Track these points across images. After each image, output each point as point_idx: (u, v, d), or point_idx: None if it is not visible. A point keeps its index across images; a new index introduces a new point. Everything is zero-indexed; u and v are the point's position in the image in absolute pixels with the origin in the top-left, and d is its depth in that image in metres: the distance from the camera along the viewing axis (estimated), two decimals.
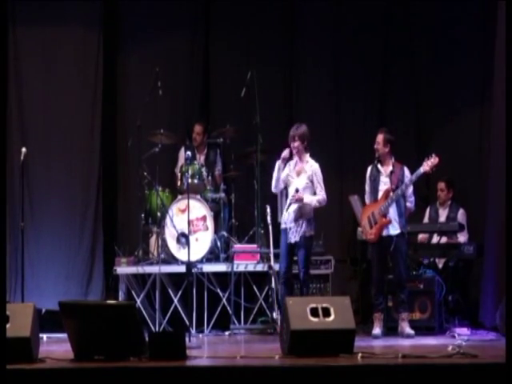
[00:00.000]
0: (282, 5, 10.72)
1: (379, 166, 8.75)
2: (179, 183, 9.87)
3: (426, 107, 10.52)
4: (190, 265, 8.71)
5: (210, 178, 9.91)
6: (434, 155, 8.52)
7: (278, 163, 8.60)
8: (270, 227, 9.16)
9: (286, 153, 8.58)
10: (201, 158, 10.19)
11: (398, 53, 10.61)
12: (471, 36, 10.18)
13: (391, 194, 8.59)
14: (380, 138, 8.70)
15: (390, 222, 8.56)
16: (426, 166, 8.51)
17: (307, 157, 8.60)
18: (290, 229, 8.50)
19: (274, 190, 8.78)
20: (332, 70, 10.65)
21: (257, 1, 10.61)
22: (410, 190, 8.68)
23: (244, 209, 10.14)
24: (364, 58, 10.55)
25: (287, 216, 8.53)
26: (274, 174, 8.67)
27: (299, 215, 8.47)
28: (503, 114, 7.94)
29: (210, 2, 10.79)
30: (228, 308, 9.38)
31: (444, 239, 9.64)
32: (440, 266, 9.60)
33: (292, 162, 8.69)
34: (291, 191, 8.54)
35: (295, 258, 8.58)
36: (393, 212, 8.60)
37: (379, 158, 8.74)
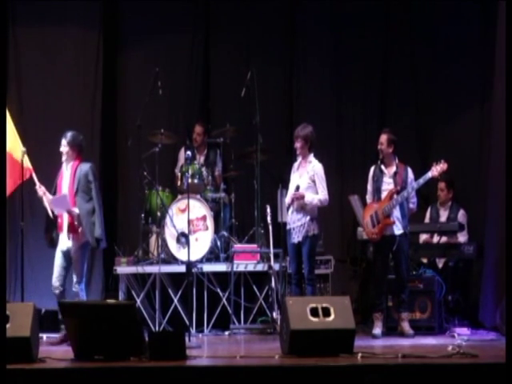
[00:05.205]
0: (282, 5, 10.73)
1: (382, 166, 8.75)
2: (179, 183, 9.87)
3: (426, 107, 10.51)
4: (189, 264, 8.71)
5: (210, 177, 9.91)
6: (443, 161, 8.50)
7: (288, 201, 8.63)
8: (270, 227, 9.18)
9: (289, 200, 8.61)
10: (201, 159, 10.20)
11: (397, 53, 10.61)
12: (471, 36, 10.18)
13: (395, 195, 8.59)
14: (383, 138, 8.70)
15: (393, 222, 8.57)
16: (435, 171, 8.50)
17: (310, 157, 8.60)
18: (294, 229, 8.52)
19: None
20: (332, 70, 10.65)
21: (257, 1, 10.62)
22: (413, 191, 8.69)
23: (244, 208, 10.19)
24: (364, 57, 10.56)
25: (290, 216, 8.55)
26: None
27: (302, 214, 8.47)
28: (503, 113, 7.94)
29: (210, 1, 10.80)
30: (228, 308, 9.39)
31: (444, 239, 9.65)
32: (440, 265, 9.61)
33: (296, 163, 8.71)
34: (292, 190, 8.56)
35: None
36: (396, 212, 8.60)
37: (383, 158, 8.74)
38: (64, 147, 8.48)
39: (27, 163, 8.60)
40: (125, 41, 10.65)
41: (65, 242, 8.42)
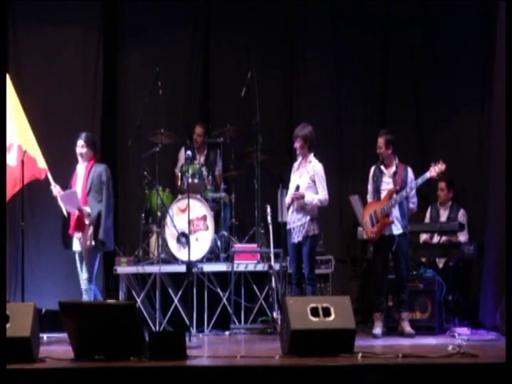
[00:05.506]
0: (283, 5, 10.73)
1: (382, 166, 8.76)
2: (179, 183, 9.88)
3: (426, 107, 10.52)
4: (190, 264, 8.71)
5: (210, 177, 9.91)
6: (441, 161, 8.51)
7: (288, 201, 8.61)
8: (271, 227, 9.19)
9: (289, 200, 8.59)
10: (201, 158, 10.20)
11: (397, 53, 10.62)
12: (471, 36, 10.18)
13: (395, 195, 8.59)
14: (381, 141, 8.70)
15: (392, 222, 8.58)
16: (433, 172, 8.51)
17: (311, 157, 8.61)
18: (294, 229, 8.52)
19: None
20: (332, 70, 10.66)
21: (257, 1, 10.62)
22: (413, 191, 8.69)
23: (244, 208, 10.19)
24: (364, 58, 10.56)
25: (290, 216, 8.54)
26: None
27: (302, 214, 8.47)
28: (503, 113, 7.94)
29: (210, 1, 10.80)
30: (228, 308, 9.39)
31: (444, 239, 9.65)
32: (440, 265, 9.61)
33: (296, 162, 8.71)
34: (292, 190, 8.56)
35: None
36: (395, 212, 8.61)
37: (383, 160, 8.75)
38: (82, 148, 8.54)
39: (43, 164, 8.68)
40: (125, 41, 10.66)
41: (76, 242, 8.44)
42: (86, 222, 8.35)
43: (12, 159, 8.58)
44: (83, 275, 8.41)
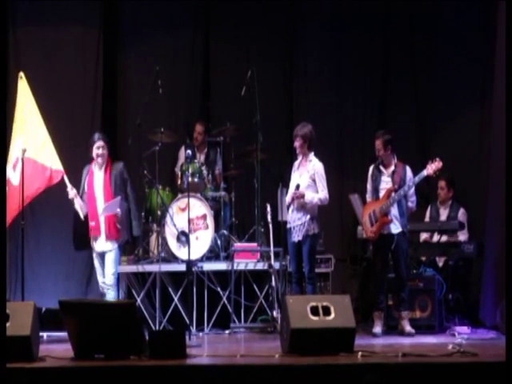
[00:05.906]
0: (283, 4, 10.73)
1: (381, 166, 8.77)
2: (179, 182, 9.88)
3: (427, 107, 10.52)
4: (190, 263, 8.72)
5: (210, 176, 9.92)
6: (438, 159, 8.52)
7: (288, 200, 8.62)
8: (271, 226, 9.19)
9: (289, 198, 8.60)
10: (201, 157, 10.21)
11: (398, 52, 10.62)
12: (471, 36, 10.19)
13: (393, 194, 8.60)
14: (379, 143, 8.71)
15: (391, 221, 8.58)
16: (430, 170, 8.52)
17: (311, 156, 8.62)
18: (294, 228, 8.52)
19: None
20: (332, 69, 10.66)
21: (257, 1, 10.62)
22: (412, 190, 8.70)
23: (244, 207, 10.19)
24: (364, 57, 10.57)
25: (291, 215, 8.55)
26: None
27: (302, 213, 8.48)
28: (503, 113, 7.94)
29: (210, 1, 10.80)
30: (228, 306, 9.39)
31: (444, 238, 9.66)
32: (440, 264, 9.61)
33: (296, 161, 8.72)
34: (292, 189, 8.56)
35: None
36: (394, 211, 8.62)
37: (382, 160, 8.76)
38: (103, 149, 8.63)
39: (59, 165, 8.65)
40: (125, 40, 10.66)
41: (102, 243, 8.49)
42: (117, 222, 8.40)
43: (17, 178, 8.52)
44: (110, 270, 8.47)
